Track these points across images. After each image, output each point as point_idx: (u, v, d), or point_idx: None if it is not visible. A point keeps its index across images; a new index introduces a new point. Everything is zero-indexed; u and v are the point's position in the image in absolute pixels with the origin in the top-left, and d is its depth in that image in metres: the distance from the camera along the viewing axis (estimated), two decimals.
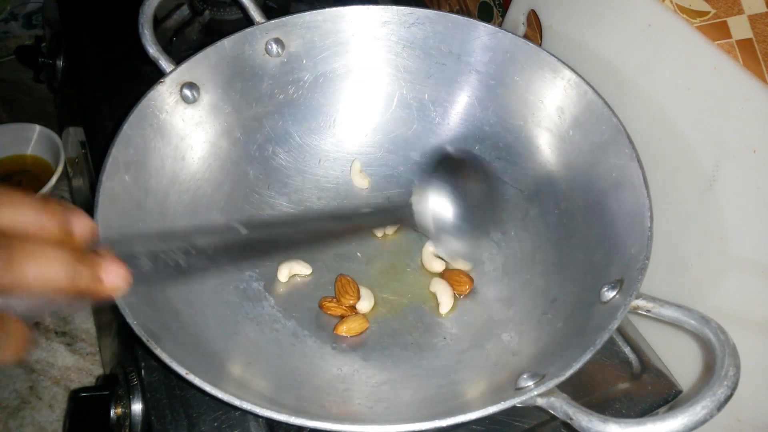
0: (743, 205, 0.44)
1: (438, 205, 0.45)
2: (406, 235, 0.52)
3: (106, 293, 0.26)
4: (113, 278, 0.26)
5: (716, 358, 0.32)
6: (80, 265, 0.25)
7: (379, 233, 0.52)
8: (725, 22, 0.45)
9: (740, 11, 0.44)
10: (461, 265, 0.50)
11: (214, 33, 0.61)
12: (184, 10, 0.67)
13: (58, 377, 0.75)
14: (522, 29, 0.63)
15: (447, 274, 0.49)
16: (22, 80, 1.11)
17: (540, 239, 0.49)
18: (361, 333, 0.46)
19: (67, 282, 0.25)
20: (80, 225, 0.27)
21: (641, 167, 0.42)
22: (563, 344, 0.40)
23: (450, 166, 0.47)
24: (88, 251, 0.26)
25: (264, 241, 0.36)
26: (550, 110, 0.50)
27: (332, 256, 0.50)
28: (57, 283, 0.25)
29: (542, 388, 0.34)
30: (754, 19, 0.43)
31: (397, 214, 0.47)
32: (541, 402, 0.34)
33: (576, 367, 0.34)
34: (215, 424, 0.42)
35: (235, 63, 0.51)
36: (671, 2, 0.48)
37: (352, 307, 0.47)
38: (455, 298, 0.48)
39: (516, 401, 0.33)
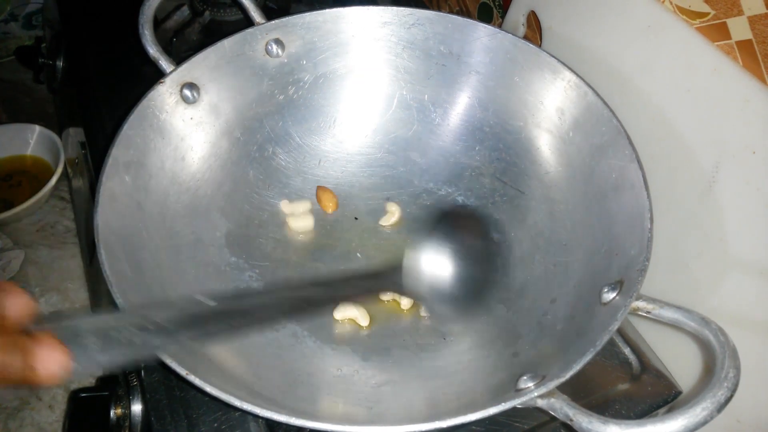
0: (743, 206, 0.44)
1: (432, 271, 0.40)
2: (406, 234, 0.52)
3: (41, 382, 0.24)
4: (49, 366, 0.24)
5: (716, 360, 0.32)
6: (9, 353, 0.23)
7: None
8: (725, 23, 0.45)
9: (740, 12, 0.44)
10: None
11: (214, 33, 0.61)
12: (185, 11, 0.67)
13: None
14: (522, 30, 0.63)
15: None
16: (22, 81, 1.11)
17: (540, 240, 0.49)
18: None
19: None
20: (14, 305, 0.25)
21: (641, 168, 0.42)
22: (563, 345, 0.40)
23: (448, 227, 0.42)
24: (22, 336, 0.24)
25: (235, 313, 0.33)
26: (550, 111, 0.50)
27: (330, 258, 0.50)
28: None
29: (542, 389, 0.34)
30: (753, 20, 0.43)
31: (387, 278, 0.41)
32: (541, 403, 0.34)
33: (576, 368, 0.34)
34: (215, 424, 0.42)
35: (235, 63, 0.51)
36: (671, 3, 0.48)
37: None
38: None
39: (516, 402, 0.33)
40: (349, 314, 0.46)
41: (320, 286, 0.38)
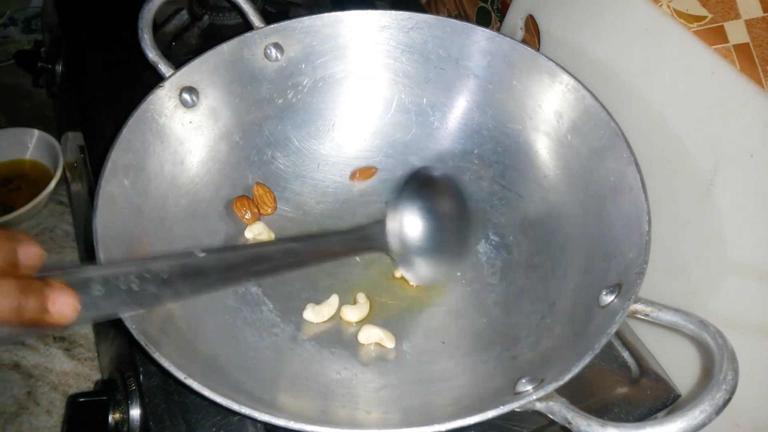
0: (741, 209, 0.44)
1: (411, 226, 0.43)
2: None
3: (54, 323, 0.26)
4: (61, 308, 0.25)
5: (715, 363, 0.32)
6: (25, 295, 0.24)
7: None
8: (722, 26, 0.45)
9: (737, 16, 0.44)
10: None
11: (213, 38, 0.61)
12: (184, 15, 0.67)
13: (56, 382, 0.74)
14: (520, 34, 0.63)
15: None
16: (21, 85, 1.11)
17: (538, 243, 0.49)
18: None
19: (11, 314, 0.24)
20: (26, 252, 0.26)
21: (639, 171, 0.42)
22: (562, 348, 0.40)
23: (423, 185, 0.46)
24: (35, 280, 0.26)
25: (223, 266, 0.34)
26: (548, 115, 0.50)
27: (332, 262, 0.50)
28: (1, 315, 0.24)
29: (541, 393, 0.34)
30: (750, 24, 0.43)
31: (369, 234, 0.44)
32: (539, 406, 0.34)
33: (575, 371, 0.34)
34: (214, 429, 0.42)
35: (235, 67, 0.51)
36: (668, 7, 0.48)
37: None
38: None
39: (515, 405, 0.33)
40: (374, 338, 0.45)
41: (307, 240, 0.42)
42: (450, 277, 0.48)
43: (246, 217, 0.51)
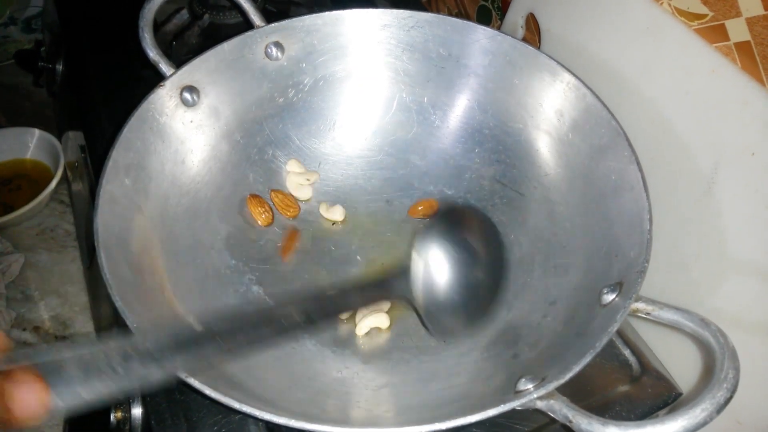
0: (742, 208, 0.44)
1: (439, 276, 0.37)
2: (405, 237, 0.52)
3: (22, 424, 0.22)
4: (27, 406, 0.22)
5: (716, 361, 0.32)
6: None
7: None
8: (723, 24, 0.45)
9: (738, 14, 0.44)
10: None
11: (213, 37, 0.61)
12: (184, 14, 0.67)
13: None
14: (521, 32, 0.63)
15: None
16: (21, 84, 1.11)
17: (539, 242, 0.49)
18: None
19: None
20: None
21: (640, 170, 0.42)
22: (563, 347, 0.40)
23: (454, 224, 0.39)
24: None
25: (224, 333, 0.30)
26: (549, 113, 0.50)
27: (330, 261, 0.50)
28: None
29: (542, 391, 0.34)
30: (751, 22, 0.43)
31: (391, 286, 0.38)
32: (540, 405, 0.34)
33: (576, 369, 0.34)
34: (215, 427, 0.42)
35: (235, 66, 0.51)
36: (669, 5, 0.48)
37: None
38: None
39: (516, 404, 0.33)
40: (371, 324, 0.45)
41: (322, 300, 0.36)
42: (473, 335, 0.44)
43: (262, 216, 0.51)
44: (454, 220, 0.39)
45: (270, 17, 0.52)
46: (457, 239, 0.38)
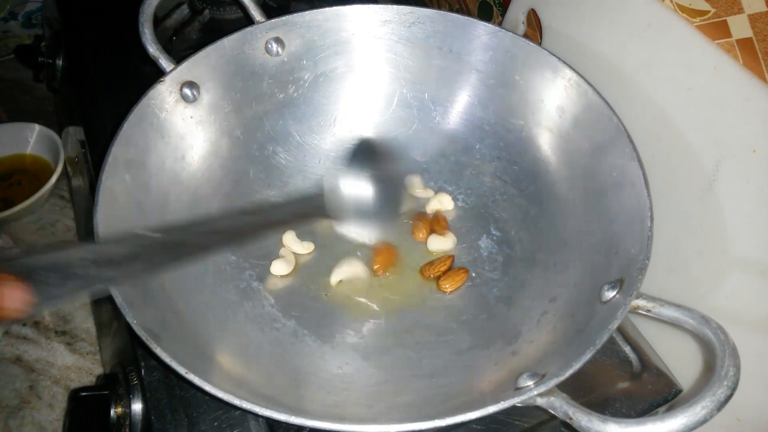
0: (743, 205, 0.44)
1: (351, 188, 0.43)
2: (405, 236, 0.52)
3: (8, 317, 0.26)
4: (11, 303, 0.25)
5: (716, 358, 0.32)
6: None
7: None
8: (725, 21, 0.45)
9: (740, 10, 0.44)
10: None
11: (214, 32, 0.61)
12: (184, 9, 0.67)
13: (58, 377, 0.75)
14: (522, 28, 0.63)
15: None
16: (21, 79, 1.11)
17: (540, 239, 0.49)
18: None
19: None
20: None
21: (642, 167, 0.42)
22: (563, 344, 0.40)
23: (361, 153, 0.46)
24: None
25: (176, 244, 0.35)
26: (550, 110, 0.50)
27: (330, 259, 0.50)
28: None
29: (542, 388, 0.34)
30: (754, 19, 0.43)
31: (310, 201, 0.45)
32: (540, 401, 0.34)
33: (576, 366, 0.34)
34: (215, 423, 0.42)
35: (235, 62, 0.51)
36: (671, 2, 0.48)
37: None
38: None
39: (516, 401, 0.33)
40: (347, 274, 0.48)
41: (252, 213, 0.42)
42: (384, 228, 0.49)
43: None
44: (359, 153, 0.46)
45: (270, 13, 0.52)
46: (360, 164, 0.44)
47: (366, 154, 0.45)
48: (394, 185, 0.47)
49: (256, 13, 0.51)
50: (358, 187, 0.43)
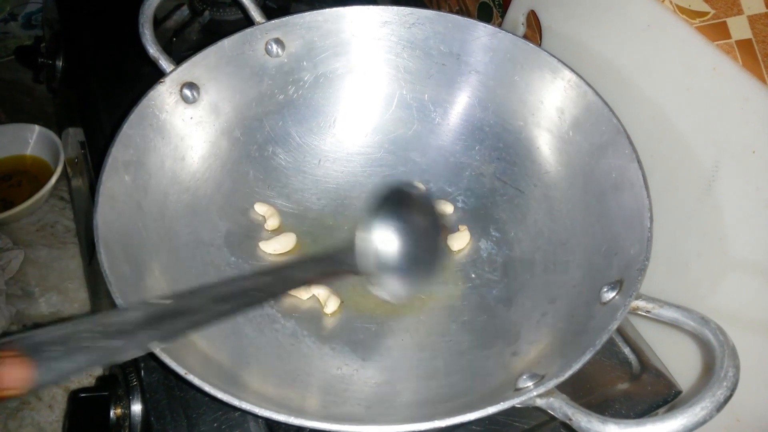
0: (743, 206, 0.44)
1: (384, 244, 0.41)
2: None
3: (7, 396, 0.25)
4: (12, 381, 0.24)
5: (716, 359, 0.32)
6: None
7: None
8: (725, 22, 0.45)
9: (740, 12, 0.44)
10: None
11: (214, 33, 0.61)
12: (184, 11, 0.67)
13: None
14: (521, 30, 0.63)
15: None
16: (21, 81, 1.11)
17: (539, 240, 0.49)
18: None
19: None
20: None
21: (641, 168, 0.42)
22: (563, 345, 0.40)
23: (392, 203, 0.43)
24: None
25: (190, 310, 0.33)
26: (549, 111, 0.50)
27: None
28: None
29: (541, 389, 0.34)
30: (753, 20, 0.43)
31: (339, 259, 0.41)
32: (540, 402, 0.34)
33: (575, 367, 0.34)
34: (215, 424, 0.42)
35: (235, 63, 0.51)
36: (671, 3, 0.48)
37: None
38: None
39: (515, 402, 0.33)
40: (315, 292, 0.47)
41: (274, 274, 0.39)
42: (423, 293, 0.48)
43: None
44: (393, 201, 0.43)
45: (270, 14, 0.52)
46: (396, 214, 0.42)
47: (399, 203, 0.42)
48: (431, 240, 0.44)
49: (256, 14, 0.52)
50: (391, 244, 0.41)
